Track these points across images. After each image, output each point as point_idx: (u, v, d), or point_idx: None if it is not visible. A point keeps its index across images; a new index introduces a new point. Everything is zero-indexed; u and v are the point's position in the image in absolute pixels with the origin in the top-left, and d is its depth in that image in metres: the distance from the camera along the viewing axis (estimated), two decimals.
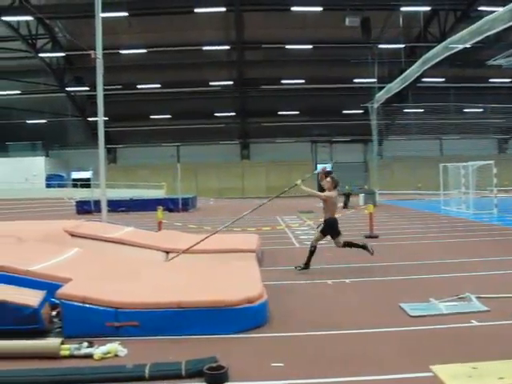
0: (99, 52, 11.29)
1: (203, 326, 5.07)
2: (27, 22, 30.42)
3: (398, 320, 5.71)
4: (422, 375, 4.09)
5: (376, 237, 13.16)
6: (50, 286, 5.52)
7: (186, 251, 8.43)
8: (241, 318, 5.16)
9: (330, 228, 9.05)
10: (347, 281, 7.92)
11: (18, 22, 29.81)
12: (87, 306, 5.02)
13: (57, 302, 5.28)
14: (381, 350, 4.77)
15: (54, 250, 7.19)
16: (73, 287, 5.31)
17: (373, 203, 20.10)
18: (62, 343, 4.62)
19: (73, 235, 8.73)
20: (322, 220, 9.28)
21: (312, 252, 8.91)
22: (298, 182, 9.39)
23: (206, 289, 5.66)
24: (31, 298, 5.09)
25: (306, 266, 8.85)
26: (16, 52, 33.70)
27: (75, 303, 5.03)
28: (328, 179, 9.29)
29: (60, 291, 5.17)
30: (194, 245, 8.46)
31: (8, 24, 28.92)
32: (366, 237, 13.09)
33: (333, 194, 9.14)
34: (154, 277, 6.37)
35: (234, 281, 6.09)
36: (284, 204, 31.72)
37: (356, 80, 36.65)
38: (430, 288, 7.21)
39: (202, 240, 8.61)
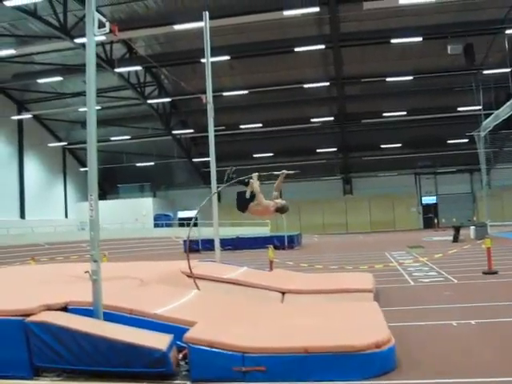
0: (210, 96, 11.69)
1: (331, 372, 4.91)
2: (136, 71, 32.35)
3: None
4: None
5: (495, 273, 12.42)
6: (175, 329, 5.61)
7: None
8: (370, 364, 4.96)
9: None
10: (473, 322, 7.43)
11: (129, 72, 31.74)
12: (214, 350, 5.03)
13: (183, 345, 5.35)
14: None
15: (175, 292, 7.35)
16: (199, 331, 5.36)
17: (485, 236, 19.11)
18: None
19: (189, 276, 8.89)
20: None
21: None
22: (255, 174, 8.83)
23: (330, 332, 5.52)
24: (160, 341, 5.19)
25: None
26: (126, 100, 35.82)
27: (202, 347, 5.06)
28: (281, 201, 8.76)
29: (187, 335, 5.24)
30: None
31: (120, 75, 30.82)
32: (485, 273, 12.40)
33: (272, 210, 8.59)
34: (275, 319, 6.31)
35: (357, 323, 5.91)
36: (391, 238, 31.03)
37: (460, 108, 35.48)
38: None
39: None
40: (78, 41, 26.33)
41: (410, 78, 33.00)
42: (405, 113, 37.18)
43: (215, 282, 8.71)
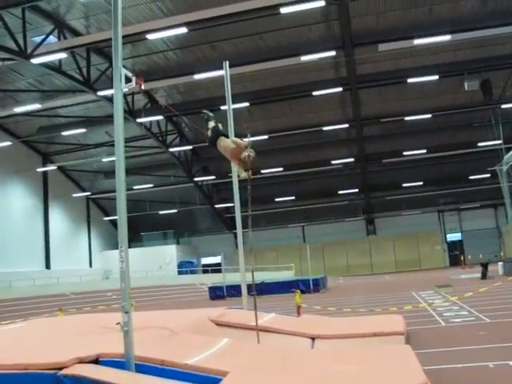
0: None
1: None
2: (158, 121, 32.92)
3: None
4: None
5: None
6: (207, 380, 5.55)
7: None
8: None
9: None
10: (511, 363, 7.25)
11: (150, 121, 32.32)
12: None
13: None
14: None
15: (205, 341, 7.30)
16: (232, 381, 5.31)
17: None
18: None
19: (218, 324, 8.85)
20: None
21: None
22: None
23: (364, 378, 5.42)
24: None
25: None
26: (149, 149, 36.35)
27: None
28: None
29: None
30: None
31: (142, 125, 31.41)
32: None
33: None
34: (307, 366, 6.22)
35: (392, 368, 5.79)
36: (417, 278, 30.59)
37: (480, 143, 35.28)
38: None
39: None
40: (101, 93, 27.07)
41: (429, 115, 33.00)
42: (425, 151, 37.10)
43: (244, 329, 8.65)
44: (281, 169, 38.80)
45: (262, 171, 37.73)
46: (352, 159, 38.87)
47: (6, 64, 25.08)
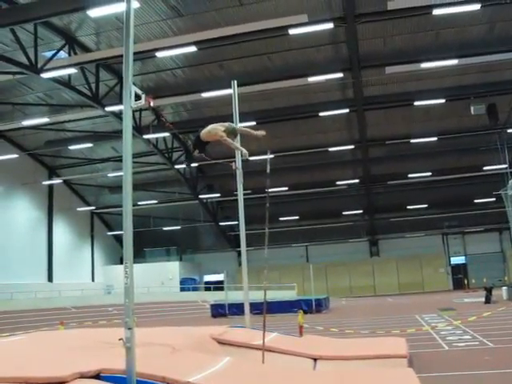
0: (239, 162, 11.96)
1: None
2: (164, 137, 33.06)
3: None
4: None
5: None
6: None
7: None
8: None
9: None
10: None
11: (157, 138, 32.48)
12: None
13: None
14: None
15: (207, 359, 7.26)
16: None
17: None
18: None
19: (220, 342, 8.80)
20: None
21: None
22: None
23: None
24: None
25: None
26: (154, 165, 36.48)
27: None
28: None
29: None
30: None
31: (148, 141, 31.56)
32: None
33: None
34: None
35: None
36: (420, 301, 30.42)
37: (486, 167, 35.28)
38: None
39: None
40: (109, 109, 27.27)
41: (435, 138, 33.05)
42: (430, 173, 37.11)
43: (246, 348, 8.61)
44: (285, 188, 38.80)
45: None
46: (357, 180, 38.91)
47: (16, 78, 25.27)
